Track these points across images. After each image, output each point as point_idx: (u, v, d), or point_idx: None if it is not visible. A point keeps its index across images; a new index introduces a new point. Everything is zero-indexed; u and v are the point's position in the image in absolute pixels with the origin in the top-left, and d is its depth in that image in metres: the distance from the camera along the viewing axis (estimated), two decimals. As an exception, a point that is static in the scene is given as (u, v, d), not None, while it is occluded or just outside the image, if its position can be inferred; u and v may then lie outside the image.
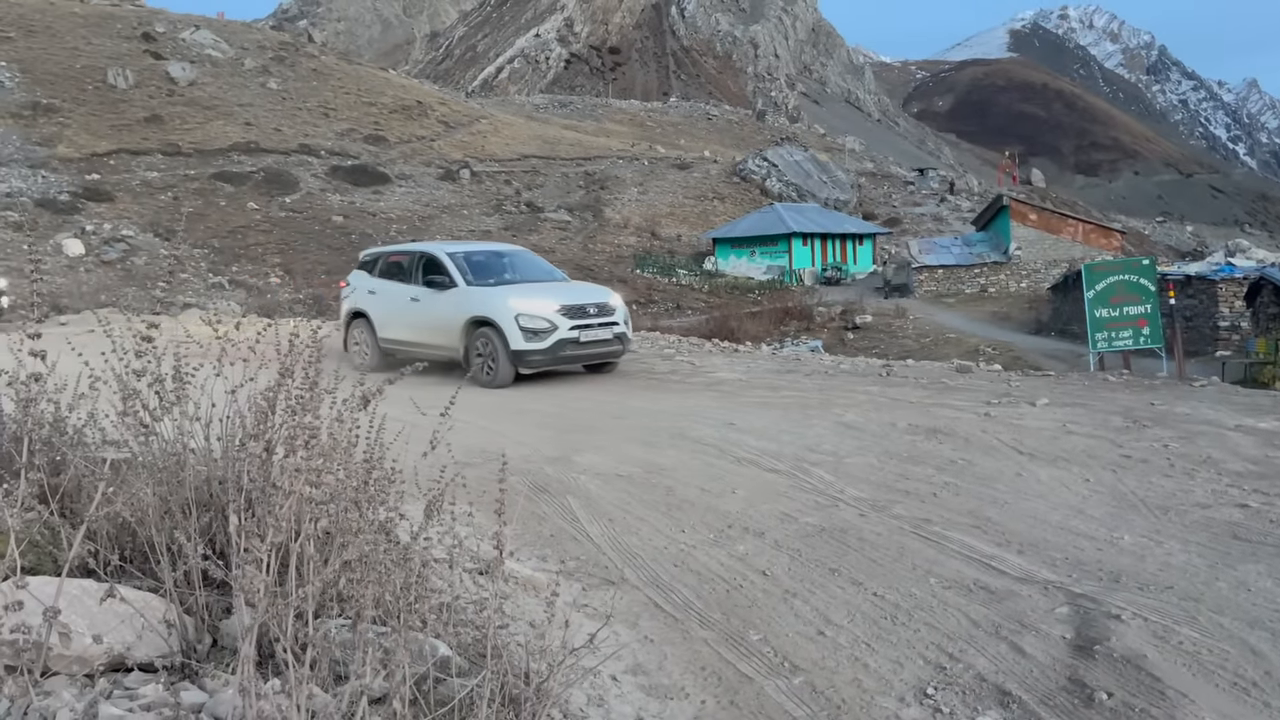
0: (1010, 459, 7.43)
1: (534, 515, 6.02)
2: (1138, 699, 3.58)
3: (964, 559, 5.15)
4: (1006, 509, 6.08)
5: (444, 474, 3.13)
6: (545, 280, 13.65)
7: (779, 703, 3.66)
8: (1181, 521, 5.74)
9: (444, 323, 12.24)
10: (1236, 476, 6.61)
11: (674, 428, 9.15)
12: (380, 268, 14.12)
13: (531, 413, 10.33)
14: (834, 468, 7.29)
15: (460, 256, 13.05)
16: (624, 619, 4.38)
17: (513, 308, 11.50)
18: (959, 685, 3.76)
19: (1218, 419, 8.55)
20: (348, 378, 3.39)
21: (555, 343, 11.53)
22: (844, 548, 5.39)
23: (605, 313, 12.34)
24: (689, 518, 6.05)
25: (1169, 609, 4.39)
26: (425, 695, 2.59)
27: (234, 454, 2.98)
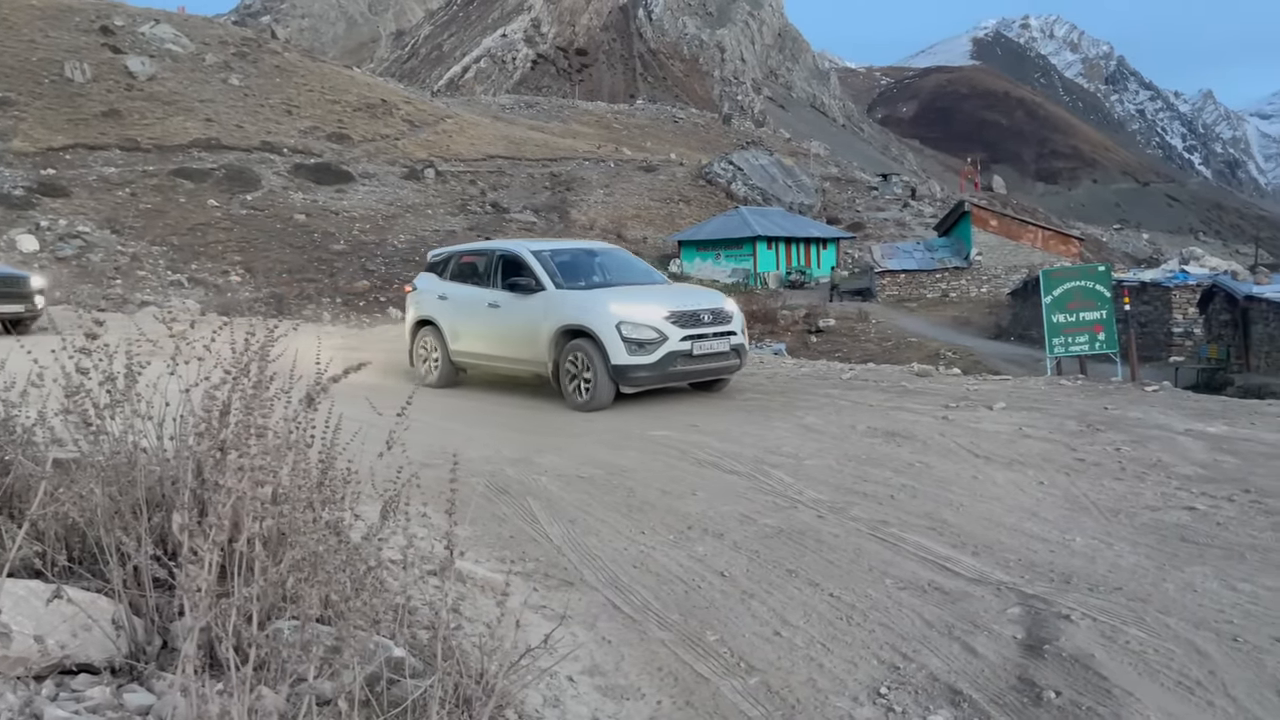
0: (967, 462, 7.51)
1: (494, 516, 6.00)
2: (1085, 698, 3.64)
3: (920, 560, 5.20)
4: (962, 511, 6.15)
5: (400, 474, 3.12)
6: (645, 283, 11.76)
7: (734, 703, 3.67)
8: (1131, 524, 5.83)
9: (529, 332, 10.53)
10: (1185, 480, 6.72)
11: (636, 429, 9.16)
12: (452, 269, 12.38)
13: (493, 413, 10.31)
14: (794, 470, 7.33)
15: (547, 255, 11.25)
16: (582, 620, 4.38)
17: (614, 314, 9.73)
18: (912, 685, 3.80)
19: (1168, 423, 8.69)
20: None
21: (664, 356, 9.71)
22: (802, 549, 5.42)
23: (721, 320, 10.49)
24: (649, 519, 6.06)
25: (1117, 609, 4.46)
26: (378, 696, 2.58)
27: (184, 453, 2.94)
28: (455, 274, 12.27)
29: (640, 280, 11.88)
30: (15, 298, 16.43)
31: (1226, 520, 5.83)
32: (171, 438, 3.19)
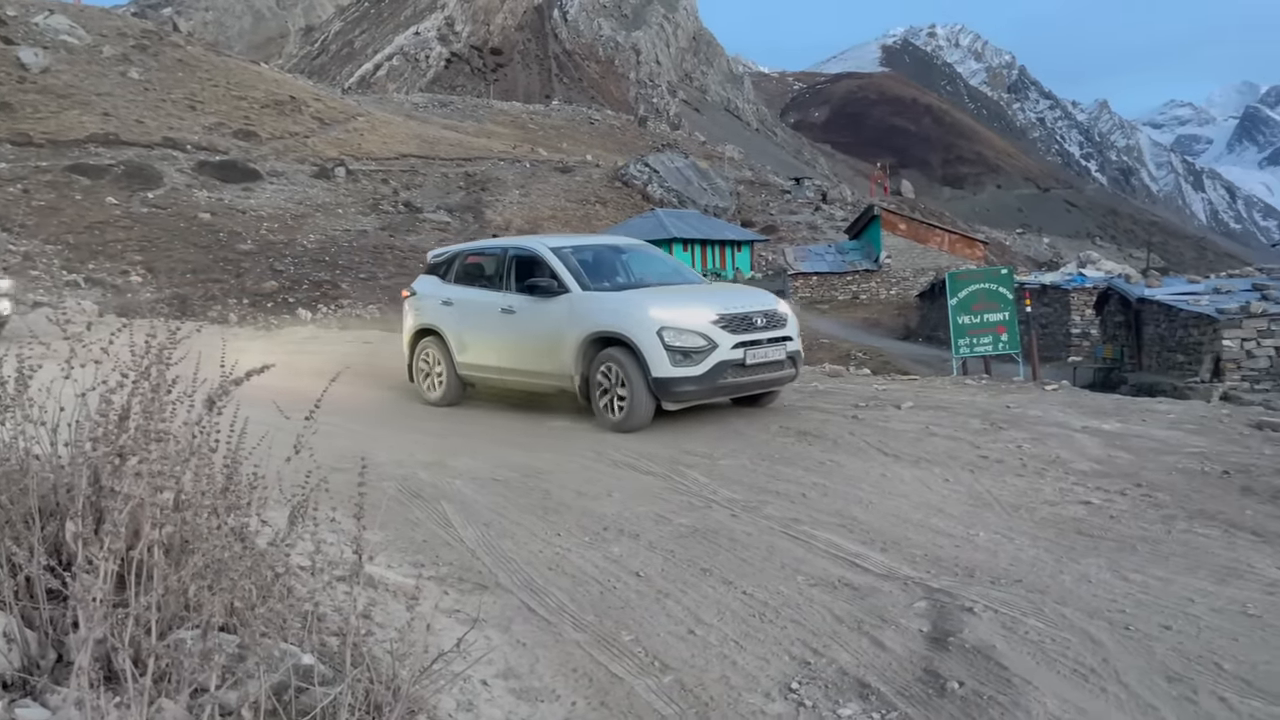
0: (876, 460, 7.66)
1: (406, 520, 5.91)
2: (986, 687, 3.74)
3: (830, 557, 5.28)
4: (871, 508, 6.26)
5: (309, 479, 3.06)
6: (682, 282, 10.39)
7: (648, 702, 3.69)
8: (1031, 518, 6.01)
9: (551, 341, 9.13)
10: (1082, 475, 6.96)
11: (552, 430, 9.13)
12: (457, 271, 10.83)
13: (404, 415, 10.15)
14: (708, 469, 7.39)
15: (569, 252, 9.76)
16: (496, 623, 4.35)
17: (655, 319, 8.39)
18: (822, 679, 3.86)
19: (1066, 421, 8.98)
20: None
21: (714, 367, 8.36)
22: (716, 548, 5.47)
23: (775, 323, 9.14)
24: (565, 521, 6.05)
25: (1018, 601, 4.59)
26: (285, 705, 2.53)
27: (80, 459, 2.84)
28: (461, 276, 10.80)
29: (674, 279, 10.52)
30: None
31: (1119, 514, 6.05)
32: (66, 444, 3.07)
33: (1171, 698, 3.68)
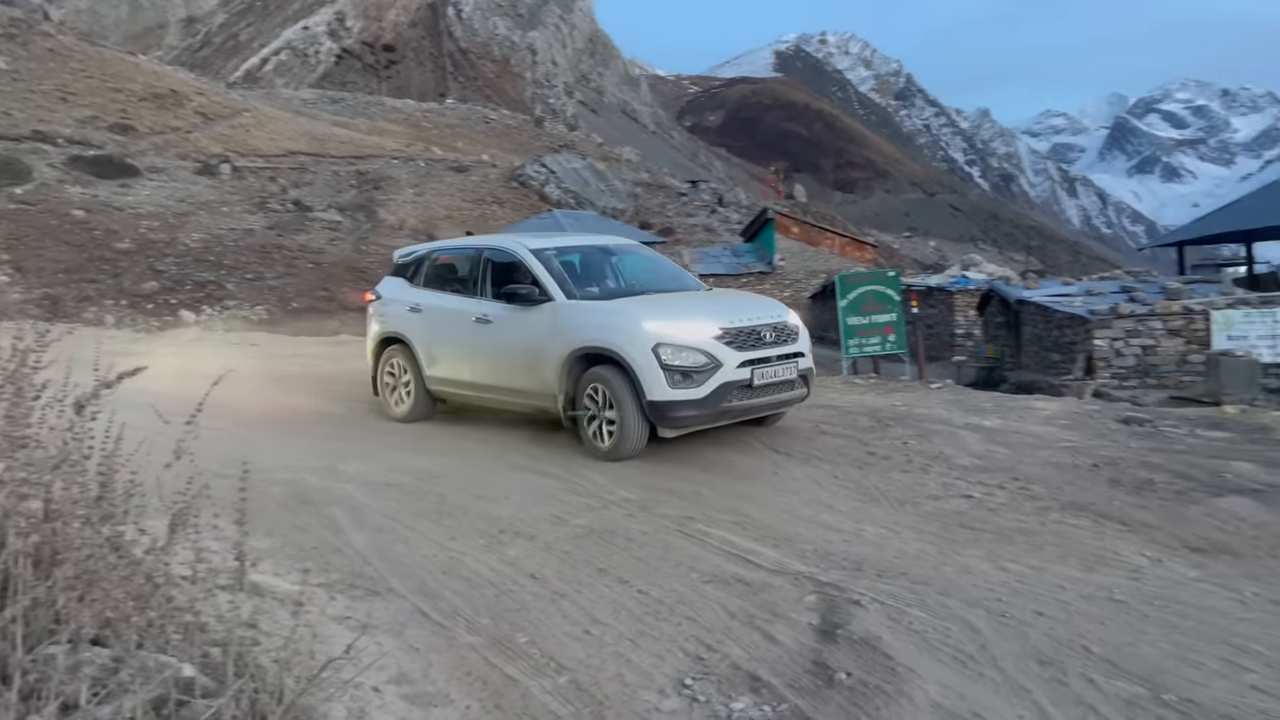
0: (768, 458, 7.78)
1: (294, 527, 5.74)
2: (872, 676, 3.84)
3: (724, 554, 5.35)
4: (763, 505, 6.36)
5: (190, 486, 2.97)
6: (679, 289, 9.15)
7: (544, 703, 3.68)
8: (916, 512, 6.20)
9: (531, 356, 8.10)
10: (964, 470, 7.17)
11: (449, 432, 9.02)
12: (426, 273, 9.73)
13: (294, 420, 9.86)
14: (605, 470, 7.39)
15: (552, 255, 8.65)
16: (389, 629, 4.28)
17: (650, 334, 7.27)
18: (715, 675, 3.91)
19: (950, 418, 9.26)
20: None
21: (718, 389, 7.26)
22: (612, 547, 5.49)
23: (785, 338, 8.05)
24: (460, 524, 5.98)
25: (903, 593, 4.72)
26: (165, 719, 2.45)
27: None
28: (431, 279, 9.67)
29: (670, 286, 9.24)
30: None
31: (998, 506, 6.27)
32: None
33: (1043, 680, 3.84)
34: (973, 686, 3.78)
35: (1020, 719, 3.56)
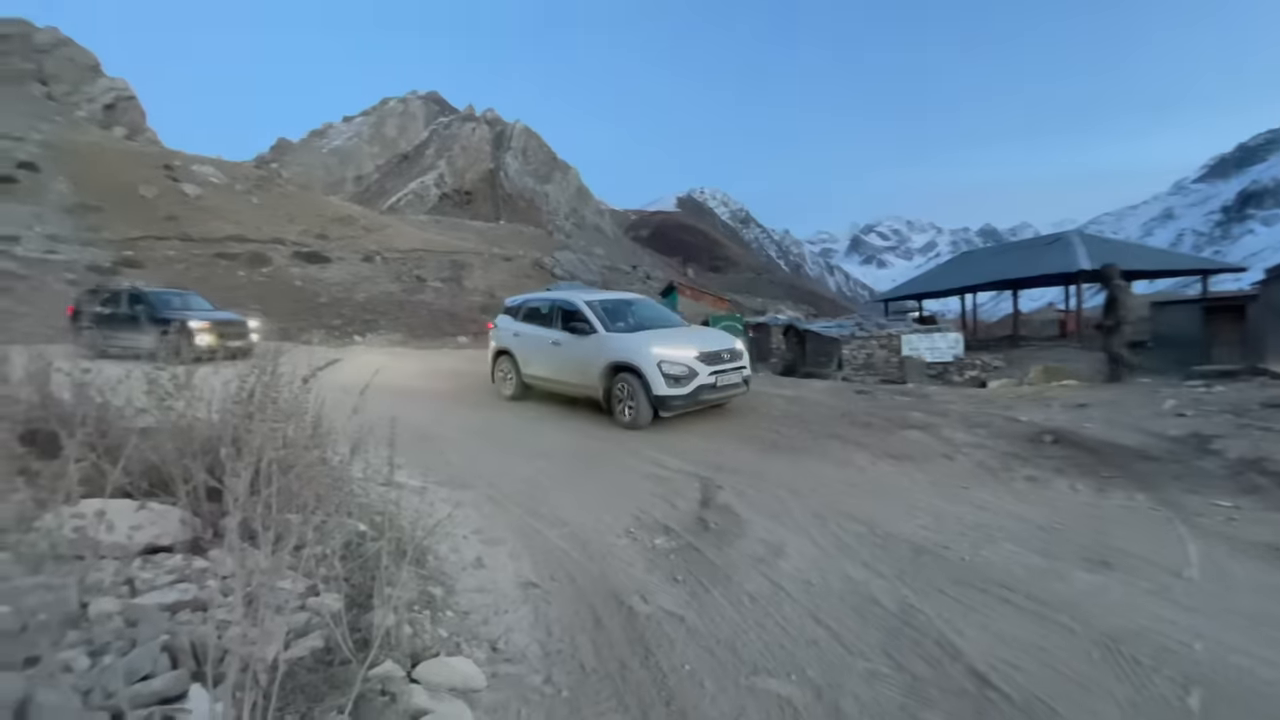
0: (680, 419, 7.78)
1: (420, 451, 5.65)
2: (729, 525, 3.91)
3: (652, 464, 5.36)
4: (675, 442, 6.37)
5: (361, 429, 2.95)
6: (672, 326, 8.63)
7: (554, 540, 3.70)
8: (751, 441, 6.21)
9: (585, 365, 7.72)
10: (775, 419, 7.20)
11: (501, 402, 8.91)
12: (523, 313, 9.19)
13: (419, 393, 9.65)
14: (591, 420, 7.36)
15: (597, 304, 8.30)
16: (472, 505, 4.26)
17: (656, 355, 7.04)
18: (646, 525, 3.95)
19: (767, 390, 9.37)
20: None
21: (697, 388, 7.02)
22: (596, 461, 5.48)
23: (736, 357, 7.72)
24: (509, 450, 5.92)
25: (743, 481, 4.79)
26: (351, 552, 2.43)
27: (229, 418, 2.64)
28: (525, 316, 9.10)
29: (667, 323, 8.68)
30: (239, 335, 13.11)
31: (792, 436, 6.32)
32: (217, 412, 2.85)
33: (816, 524, 3.94)
34: (780, 529, 3.88)
35: (802, 543, 3.66)
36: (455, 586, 2.91)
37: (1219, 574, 3.19)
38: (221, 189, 49.46)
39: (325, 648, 1.91)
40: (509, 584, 3.10)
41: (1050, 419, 6.42)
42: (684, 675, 2.45)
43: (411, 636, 2.21)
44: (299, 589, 2.10)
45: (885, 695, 2.34)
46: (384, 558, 2.18)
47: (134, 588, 1.97)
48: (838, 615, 2.88)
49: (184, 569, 1.96)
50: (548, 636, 2.66)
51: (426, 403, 8.85)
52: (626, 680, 2.41)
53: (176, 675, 1.67)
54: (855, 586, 3.14)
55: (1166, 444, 5.33)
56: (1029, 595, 3.01)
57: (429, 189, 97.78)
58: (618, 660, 2.53)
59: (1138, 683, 2.37)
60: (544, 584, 3.15)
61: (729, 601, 3.01)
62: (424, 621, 2.40)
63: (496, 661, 2.40)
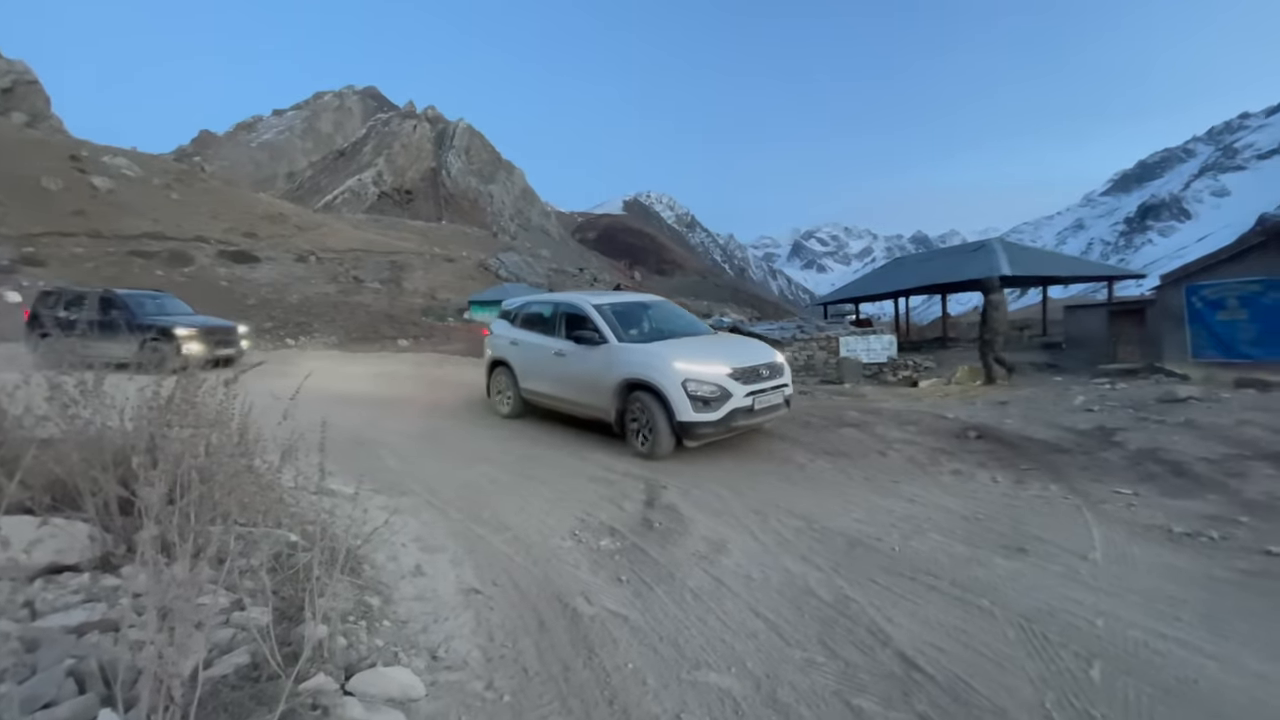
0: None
1: (355, 458, 5.46)
2: (673, 525, 3.96)
3: (597, 467, 5.36)
4: (623, 445, 6.40)
5: (291, 435, 2.83)
6: (696, 334, 6.97)
7: (497, 546, 3.65)
8: None
9: (593, 382, 6.37)
10: None
11: (445, 406, 8.71)
12: (521, 318, 7.80)
13: (354, 399, 9.30)
14: (537, 423, 7.29)
15: (607, 309, 6.81)
16: (411, 512, 4.14)
17: (680, 371, 5.66)
18: (591, 528, 3.96)
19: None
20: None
21: (729, 412, 5.59)
22: (539, 465, 5.42)
23: (776, 373, 6.20)
24: (452, 455, 5.78)
25: (688, 480, 4.82)
26: (281, 564, 2.34)
27: (142, 427, 2.48)
28: (524, 322, 7.71)
29: (690, 331, 7.00)
30: (228, 343, 11.81)
31: (734, 437, 6.37)
32: (130, 420, 2.67)
33: (754, 519, 4.02)
34: (722, 526, 3.96)
35: (744, 540, 3.75)
36: (393, 595, 2.83)
37: (1120, 556, 3.47)
38: (136, 183, 46.18)
39: (252, 664, 1.83)
40: (450, 591, 3.05)
41: (974, 416, 6.80)
42: (627, 674, 2.47)
43: (346, 648, 2.14)
44: (222, 604, 2.00)
45: (820, 683, 2.43)
46: (316, 568, 2.10)
47: (34, 610, 1.83)
48: (776, 608, 2.97)
49: (91, 588, 1.84)
50: (490, 642, 2.63)
51: (360, 406, 8.53)
52: (570, 682, 2.41)
53: (84, 701, 1.56)
54: (793, 580, 3.24)
55: (1076, 437, 5.75)
56: (953, 582, 3.19)
57: (367, 187, 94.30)
58: (561, 662, 2.53)
59: (1047, 658, 2.56)
60: (486, 589, 3.11)
61: (672, 599, 3.05)
62: (359, 632, 2.33)
63: (436, 669, 2.36)
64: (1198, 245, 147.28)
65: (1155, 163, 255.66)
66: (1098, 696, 2.32)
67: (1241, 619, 2.82)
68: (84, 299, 11.52)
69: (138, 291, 12.33)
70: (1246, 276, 11.78)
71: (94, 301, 11.39)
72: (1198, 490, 4.42)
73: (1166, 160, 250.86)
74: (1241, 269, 11.89)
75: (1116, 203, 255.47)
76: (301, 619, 2.07)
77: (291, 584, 2.24)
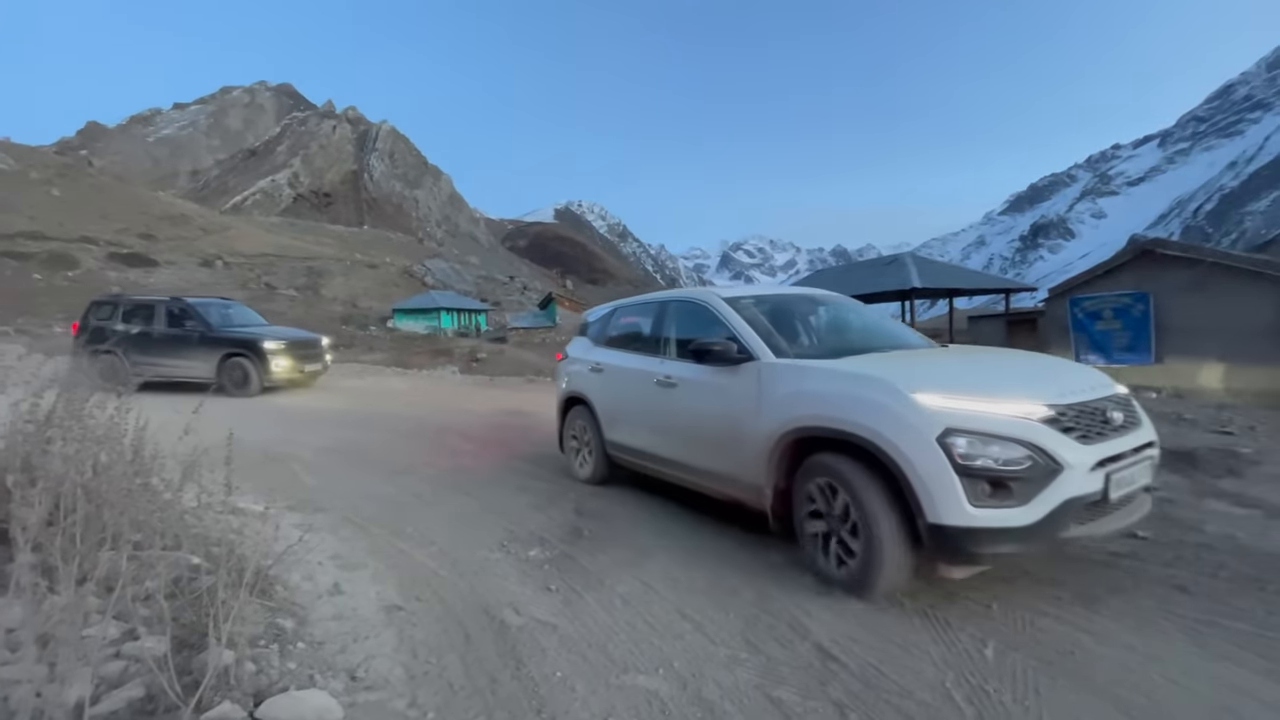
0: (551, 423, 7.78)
1: (267, 474, 5.17)
2: (604, 531, 3.99)
3: (527, 478, 5.28)
4: (545, 446, 6.35)
5: (194, 452, 2.66)
6: (912, 347, 3.63)
7: (421, 561, 3.55)
8: None
9: (726, 431, 3.30)
10: None
11: (364, 418, 8.36)
12: (611, 331, 4.91)
13: (268, 412, 8.77)
14: (461, 433, 7.13)
15: (749, 303, 3.74)
16: (329, 529, 3.96)
17: (932, 412, 2.37)
18: (520, 538, 3.91)
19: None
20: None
21: (1057, 508, 2.28)
22: (465, 476, 5.30)
23: (1131, 418, 2.66)
24: (373, 469, 5.56)
25: (621, 487, 4.84)
26: (181, 588, 2.19)
27: (16, 444, 2.25)
28: (615, 339, 4.85)
29: (899, 343, 3.73)
30: (316, 358, 10.68)
31: None
32: (2, 436, 2.42)
33: (685, 523, 4.12)
34: (652, 530, 4.02)
35: (671, 543, 3.81)
36: (309, 616, 2.70)
37: (1010, 544, 3.79)
38: (11, 177, 41.68)
39: (147, 696, 1.71)
40: (371, 609, 2.94)
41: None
42: (556, 682, 2.47)
43: (255, 673, 2.03)
44: (113, 634, 1.85)
45: (743, 678, 2.52)
46: (221, 591, 1.99)
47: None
48: (702, 608, 3.04)
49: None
50: (413, 659, 2.56)
51: (274, 420, 8.06)
52: (497, 694, 2.39)
53: (-56, 750, 1.41)
54: (719, 580, 3.34)
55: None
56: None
57: (281, 189, 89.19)
58: (488, 675, 2.50)
59: (948, 641, 2.76)
60: (409, 606, 3.02)
61: (601, 606, 3.07)
62: (270, 656, 2.21)
63: (356, 690, 2.27)
64: (1080, 261, 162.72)
65: (1044, 186, 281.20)
66: (990, 672, 2.53)
67: (1113, 595, 3.14)
68: (149, 309, 10.23)
69: (208, 300, 10.97)
70: (1119, 290, 13.16)
71: (161, 312, 10.13)
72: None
73: (1054, 184, 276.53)
74: (1115, 284, 13.28)
75: (1013, 221, 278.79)
76: (204, 646, 1.95)
77: (193, 609, 2.10)
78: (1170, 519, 4.04)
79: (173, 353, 9.69)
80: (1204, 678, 2.32)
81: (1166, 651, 2.49)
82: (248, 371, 9.43)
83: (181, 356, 9.60)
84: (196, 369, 9.39)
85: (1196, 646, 2.52)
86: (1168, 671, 2.36)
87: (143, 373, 8.97)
